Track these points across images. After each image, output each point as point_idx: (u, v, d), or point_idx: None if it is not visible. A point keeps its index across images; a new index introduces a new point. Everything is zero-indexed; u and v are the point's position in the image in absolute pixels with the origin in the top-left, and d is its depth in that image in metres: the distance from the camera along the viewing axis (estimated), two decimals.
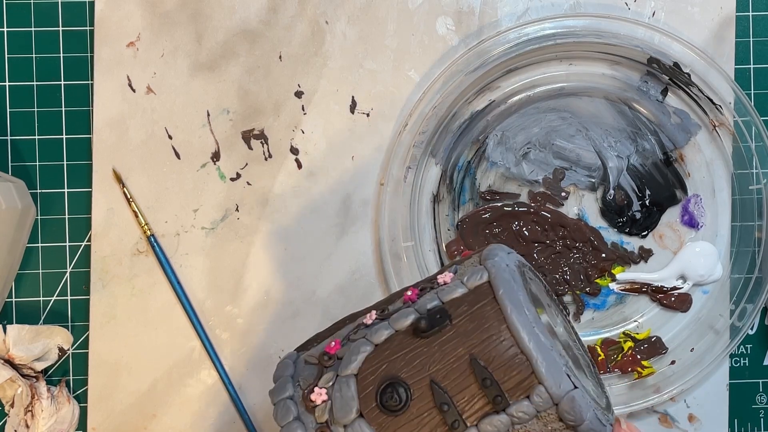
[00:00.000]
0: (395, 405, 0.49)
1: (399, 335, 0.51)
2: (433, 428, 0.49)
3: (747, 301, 0.69)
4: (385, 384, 0.50)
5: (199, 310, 0.69)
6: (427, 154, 0.69)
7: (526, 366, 0.48)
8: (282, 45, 0.70)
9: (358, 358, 0.51)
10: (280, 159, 0.70)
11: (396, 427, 0.49)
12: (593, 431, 0.49)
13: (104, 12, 0.69)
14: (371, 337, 0.51)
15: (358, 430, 0.49)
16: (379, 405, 0.49)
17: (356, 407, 0.50)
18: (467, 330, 0.50)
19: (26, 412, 0.67)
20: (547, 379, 0.48)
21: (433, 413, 0.49)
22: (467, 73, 0.68)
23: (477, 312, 0.50)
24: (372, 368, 0.50)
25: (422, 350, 0.50)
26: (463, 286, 0.51)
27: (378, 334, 0.51)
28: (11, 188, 0.66)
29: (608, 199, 0.71)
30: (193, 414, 0.70)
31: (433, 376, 0.49)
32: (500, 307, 0.49)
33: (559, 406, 0.48)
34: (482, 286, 0.51)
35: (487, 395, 0.49)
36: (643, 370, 0.70)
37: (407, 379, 0.50)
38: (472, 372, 0.49)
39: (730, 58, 0.70)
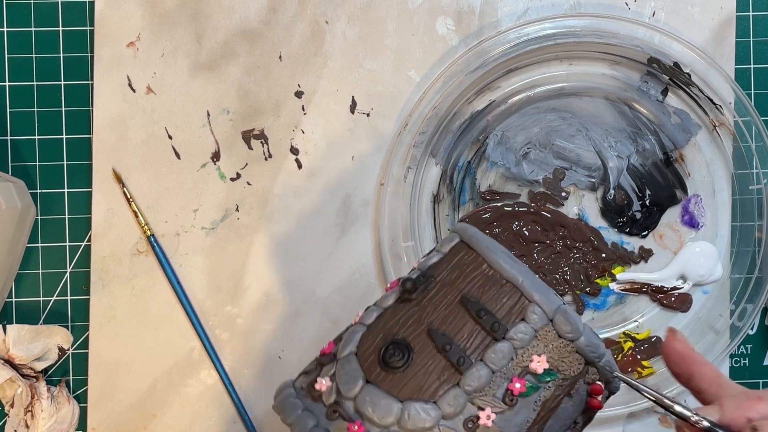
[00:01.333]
0: (398, 361, 0.50)
1: (389, 310, 0.53)
2: (441, 373, 0.49)
3: (747, 301, 0.69)
4: (384, 347, 0.50)
5: (199, 310, 0.69)
6: (427, 154, 0.69)
7: (514, 290, 0.50)
8: (282, 45, 0.70)
9: (354, 338, 0.52)
10: (280, 159, 0.70)
11: (404, 382, 0.49)
12: (593, 344, 0.50)
13: (104, 12, 0.69)
14: (363, 321, 0.53)
15: (368, 393, 0.49)
16: (383, 368, 0.50)
17: (361, 376, 0.50)
18: (452, 279, 0.52)
19: (26, 412, 0.67)
20: (536, 297, 0.50)
21: (437, 358, 0.50)
22: (467, 73, 0.68)
23: (456, 263, 0.52)
24: (369, 342, 0.51)
25: (414, 310, 0.51)
26: (439, 253, 0.54)
27: (368, 316, 0.53)
28: (11, 188, 0.66)
29: (608, 199, 0.70)
30: (193, 414, 0.70)
31: (430, 326, 0.50)
32: (476, 251, 0.52)
33: (554, 321, 0.50)
34: (456, 245, 0.53)
35: (485, 327, 0.50)
36: (644, 370, 0.70)
37: (406, 336, 0.51)
38: (465, 310, 0.50)
39: (731, 58, 0.70)
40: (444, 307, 0.51)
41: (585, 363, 0.51)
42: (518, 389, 0.49)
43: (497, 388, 0.49)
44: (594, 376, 0.51)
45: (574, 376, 0.50)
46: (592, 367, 0.51)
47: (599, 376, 0.52)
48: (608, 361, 0.51)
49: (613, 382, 0.52)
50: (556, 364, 0.50)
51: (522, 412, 0.49)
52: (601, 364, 0.51)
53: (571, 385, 0.50)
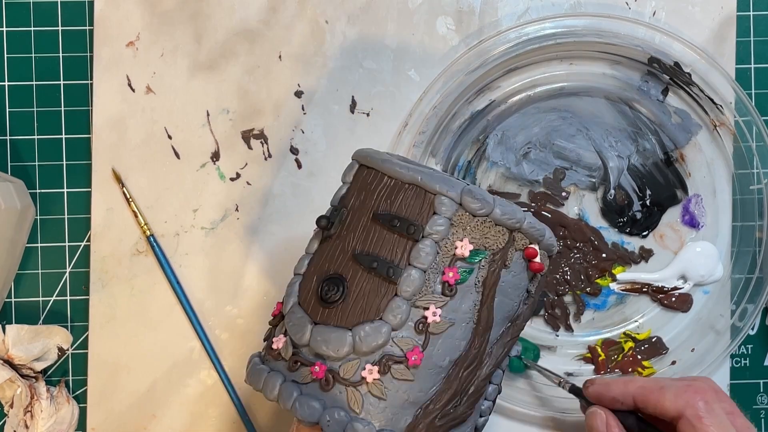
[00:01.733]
0: (335, 294, 0.51)
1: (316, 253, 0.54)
2: (377, 290, 0.51)
3: (748, 301, 0.69)
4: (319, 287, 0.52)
5: (198, 310, 0.69)
6: (427, 154, 0.69)
7: (418, 190, 0.51)
8: (282, 45, 0.70)
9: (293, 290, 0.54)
10: (280, 159, 0.70)
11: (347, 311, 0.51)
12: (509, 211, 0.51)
13: (104, 12, 0.69)
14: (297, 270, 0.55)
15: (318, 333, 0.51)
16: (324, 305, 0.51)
17: (308, 320, 0.52)
18: (361, 202, 0.53)
19: (26, 413, 0.67)
20: (438, 187, 0.51)
21: (369, 279, 0.51)
22: (467, 73, 0.68)
23: (361, 186, 0.54)
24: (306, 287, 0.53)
25: (336, 243, 0.53)
26: (346, 184, 0.55)
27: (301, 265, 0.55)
28: (11, 188, 0.66)
29: (609, 199, 0.70)
30: (193, 414, 0.69)
31: (354, 252, 0.52)
32: (374, 168, 0.53)
33: (463, 203, 0.51)
34: (357, 171, 0.55)
35: (402, 233, 0.51)
36: (644, 370, 0.69)
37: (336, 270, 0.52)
38: (380, 225, 0.52)
39: (731, 57, 0.70)
40: (361, 229, 0.52)
41: (509, 232, 0.52)
42: (453, 278, 0.50)
43: (433, 284, 0.50)
44: (523, 242, 0.52)
45: (503, 247, 0.51)
46: (518, 233, 0.52)
47: (528, 239, 0.53)
48: (530, 222, 0.52)
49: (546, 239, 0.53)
50: (480, 242, 0.51)
51: (466, 299, 0.51)
52: (525, 227, 0.52)
53: (503, 257, 0.52)
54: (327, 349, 0.50)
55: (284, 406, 0.51)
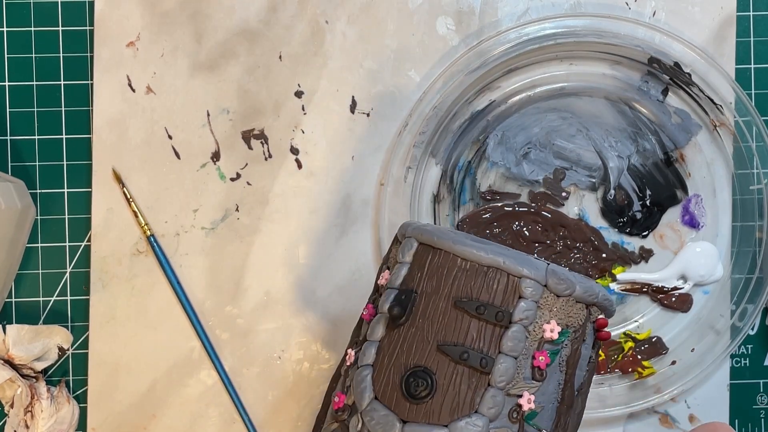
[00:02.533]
0: (424, 390, 0.49)
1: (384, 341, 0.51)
2: (468, 381, 0.49)
3: (748, 301, 0.69)
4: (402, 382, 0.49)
5: (199, 310, 0.69)
6: (427, 154, 0.69)
7: (500, 273, 0.50)
8: (282, 45, 0.70)
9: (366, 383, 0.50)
10: (280, 159, 0.70)
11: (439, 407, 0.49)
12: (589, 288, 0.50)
13: (104, 12, 0.69)
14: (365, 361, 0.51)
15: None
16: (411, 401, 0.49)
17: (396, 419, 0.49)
18: (434, 287, 0.50)
19: (26, 413, 0.67)
20: (524, 271, 0.49)
21: (459, 370, 0.49)
22: (467, 73, 0.68)
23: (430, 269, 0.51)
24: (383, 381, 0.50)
25: (411, 331, 0.50)
26: (404, 264, 0.52)
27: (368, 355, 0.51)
28: (11, 188, 0.66)
29: (609, 199, 0.70)
30: (193, 414, 0.69)
31: (438, 342, 0.49)
32: (444, 249, 0.51)
33: (548, 285, 0.50)
34: (417, 249, 0.52)
35: (489, 320, 0.49)
36: (644, 370, 0.69)
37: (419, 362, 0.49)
38: (463, 312, 0.49)
39: (731, 58, 0.70)
40: (441, 317, 0.50)
41: (586, 307, 0.51)
42: (543, 362, 0.49)
43: (524, 370, 0.49)
44: (597, 313, 0.52)
45: (582, 324, 0.51)
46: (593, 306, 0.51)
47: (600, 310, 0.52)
48: (603, 294, 0.51)
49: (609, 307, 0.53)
50: (565, 322, 0.50)
51: (552, 378, 0.50)
52: (600, 300, 0.51)
53: (583, 333, 0.51)
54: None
55: None
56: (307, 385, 0.70)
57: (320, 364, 0.70)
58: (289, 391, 0.70)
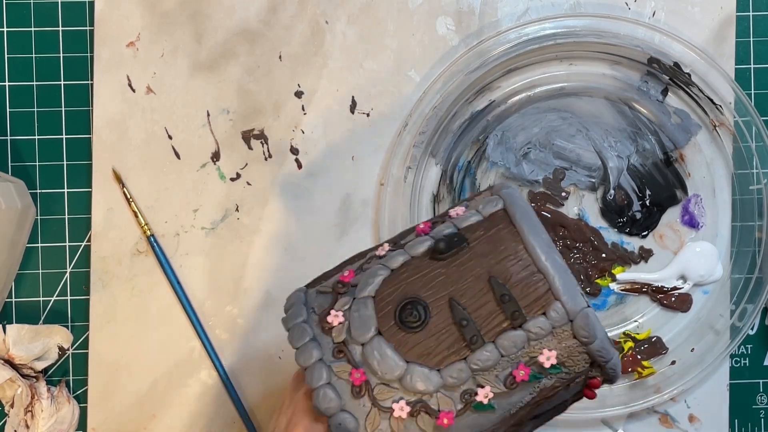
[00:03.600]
0: (414, 322, 0.50)
1: (415, 260, 0.52)
2: (451, 344, 0.50)
3: (747, 301, 0.69)
4: (403, 302, 0.50)
5: (199, 311, 0.69)
6: (427, 154, 0.69)
7: (543, 283, 0.50)
8: (282, 45, 0.70)
9: (375, 281, 0.51)
10: (280, 159, 0.70)
11: (414, 344, 0.50)
12: (604, 350, 0.50)
13: (104, 12, 0.69)
14: (388, 263, 0.52)
15: (377, 346, 0.50)
16: (397, 322, 0.50)
17: (374, 325, 0.50)
18: (484, 251, 0.51)
19: (26, 413, 0.67)
20: (563, 296, 0.49)
21: (451, 329, 0.50)
22: (467, 73, 0.68)
23: (493, 235, 0.51)
24: (389, 290, 0.51)
25: (440, 271, 0.51)
26: (478, 214, 0.52)
27: (394, 260, 0.52)
28: (11, 188, 0.66)
29: (608, 199, 0.70)
30: (193, 414, 0.70)
31: (452, 295, 0.50)
32: (516, 229, 0.51)
33: (574, 322, 0.49)
34: (497, 212, 0.52)
35: (505, 312, 0.50)
36: (644, 370, 0.70)
37: (426, 298, 0.50)
38: (490, 290, 0.50)
39: (731, 58, 0.70)
40: (471, 279, 0.50)
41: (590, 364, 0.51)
42: (521, 376, 0.49)
43: (501, 370, 0.50)
44: (596, 373, 0.52)
45: (578, 372, 0.51)
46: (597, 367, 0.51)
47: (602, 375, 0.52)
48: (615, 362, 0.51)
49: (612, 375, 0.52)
50: (563, 360, 0.50)
51: (518, 394, 0.50)
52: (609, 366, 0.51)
53: (572, 380, 0.51)
54: (377, 365, 0.49)
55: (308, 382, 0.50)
56: None
57: None
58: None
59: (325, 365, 0.50)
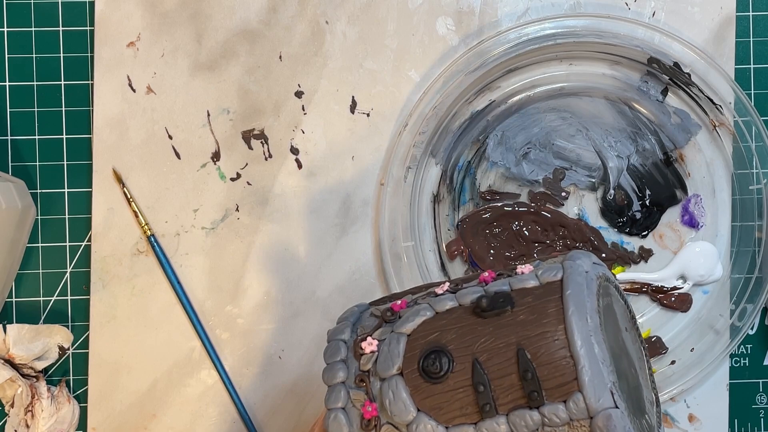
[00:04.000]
0: (435, 372, 0.49)
1: (460, 309, 0.50)
2: (464, 405, 0.48)
3: (747, 301, 0.69)
4: (430, 350, 0.49)
5: (199, 310, 0.69)
6: (427, 154, 0.69)
7: (571, 370, 0.47)
8: (282, 45, 0.70)
9: (415, 320, 0.50)
10: (280, 159, 0.70)
11: (429, 394, 0.49)
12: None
13: (104, 12, 0.69)
14: (435, 305, 0.51)
15: (394, 386, 0.49)
16: (419, 369, 0.49)
17: (399, 364, 0.49)
18: (525, 320, 0.49)
19: (26, 412, 0.67)
20: (588, 389, 0.46)
21: (467, 391, 0.48)
22: (467, 73, 0.68)
23: (540, 306, 0.49)
24: (424, 332, 0.50)
25: (476, 328, 0.49)
26: (536, 279, 0.50)
27: (441, 303, 0.51)
28: (11, 188, 0.66)
29: (608, 199, 0.70)
30: (193, 414, 0.70)
31: (478, 356, 0.49)
32: (563, 306, 0.48)
33: (594, 420, 0.47)
34: (554, 283, 0.50)
35: (525, 389, 0.47)
36: None
37: (453, 351, 0.49)
38: (516, 362, 0.48)
39: (731, 58, 0.70)
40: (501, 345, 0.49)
41: None
42: None
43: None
44: None
45: None
46: None
47: None
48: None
49: None
50: None
51: None
52: None
53: None
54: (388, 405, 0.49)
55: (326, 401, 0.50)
56: (307, 385, 0.70)
57: (320, 363, 0.70)
58: (289, 391, 0.70)
59: (345, 389, 0.50)
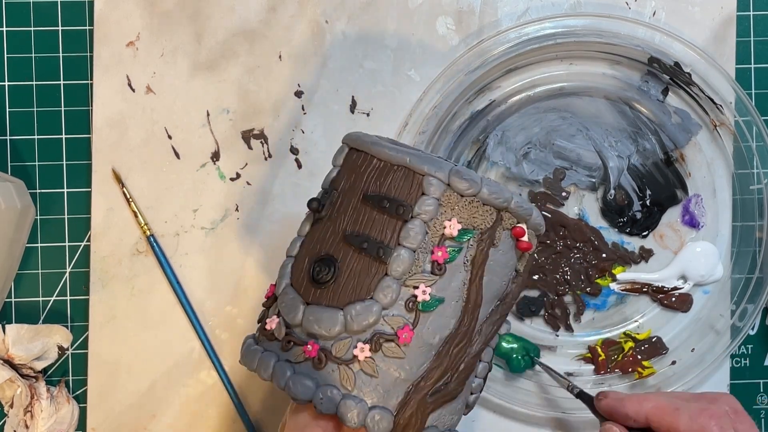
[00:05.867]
0: (327, 275, 0.52)
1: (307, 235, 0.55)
2: (367, 269, 0.51)
3: (748, 301, 0.69)
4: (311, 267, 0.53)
5: (198, 311, 0.69)
6: None
7: (407, 171, 0.52)
8: (282, 45, 0.70)
9: (285, 272, 0.55)
10: (280, 159, 0.70)
11: (339, 291, 0.52)
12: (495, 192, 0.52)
13: (103, 12, 0.69)
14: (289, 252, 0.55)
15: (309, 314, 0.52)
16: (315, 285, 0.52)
17: (300, 301, 0.52)
18: (351, 184, 0.53)
19: (26, 413, 0.67)
20: (426, 168, 0.51)
21: (360, 259, 0.52)
22: (467, 73, 0.68)
23: (350, 168, 0.54)
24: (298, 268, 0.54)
25: (327, 225, 0.54)
26: (336, 168, 0.55)
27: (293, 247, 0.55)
28: (11, 188, 0.66)
29: (609, 199, 0.70)
30: (193, 414, 0.69)
31: (345, 232, 0.52)
32: (364, 150, 0.54)
33: (451, 184, 0.51)
34: (347, 154, 0.55)
35: (391, 214, 0.52)
36: (644, 370, 0.69)
37: (327, 250, 0.53)
38: (370, 206, 0.52)
39: (731, 57, 0.70)
40: (351, 210, 0.53)
41: (497, 211, 0.52)
42: (442, 257, 0.51)
43: (423, 264, 0.51)
44: (511, 221, 0.53)
45: (490, 227, 0.52)
46: (506, 212, 0.53)
47: (516, 218, 0.53)
48: (517, 201, 0.53)
49: (534, 218, 0.54)
50: (468, 222, 0.52)
51: (455, 277, 0.52)
52: (512, 207, 0.53)
53: (491, 236, 0.52)
54: (319, 328, 0.51)
55: (278, 385, 0.51)
56: None
57: None
58: None
59: (282, 361, 0.52)
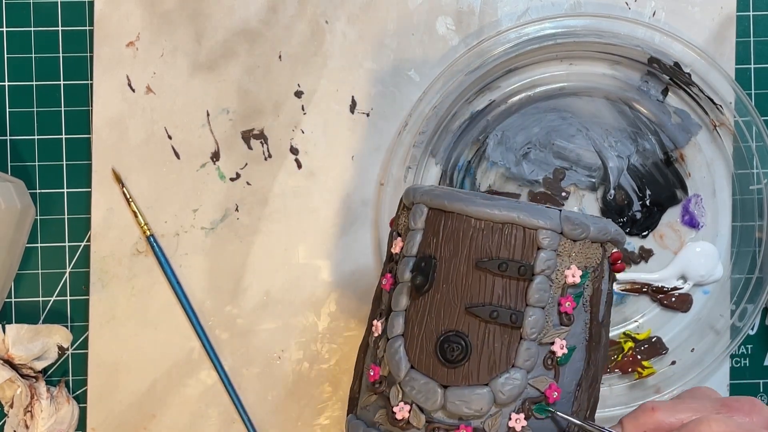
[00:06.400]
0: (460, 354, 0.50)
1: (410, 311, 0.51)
2: (502, 339, 0.50)
3: (748, 301, 0.69)
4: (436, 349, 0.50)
5: (198, 310, 0.69)
6: (427, 154, 0.69)
7: (515, 227, 0.50)
8: (282, 45, 0.70)
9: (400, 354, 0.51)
10: (280, 159, 0.70)
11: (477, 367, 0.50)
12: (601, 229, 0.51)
13: (104, 12, 0.69)
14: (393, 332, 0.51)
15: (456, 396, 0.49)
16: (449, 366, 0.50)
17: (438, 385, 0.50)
18: (452, 251, 0.51)
19: (25, 413, 0.67)
20: (539, 222, 0.50)
21: (490, 329, 0.50)
22: (467, 73, 0.68)
23: (445, 234, 0.51)
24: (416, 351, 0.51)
25: (436, 298, 0.51)
26: (418, 231, 0.52)
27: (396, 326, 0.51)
28: (11, 188, 0.66)
29: (608, 199, 0.70)
30: (193, 414, 0.69)
31: (466, 305, 0.50)
32: (455, 212, 0.51)
33: (564, 232, 0.50)
34: (429, 215, 0.52)
35: (512, 276, 0.50)
36: (644, 370, 0.69)
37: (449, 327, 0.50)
38: (486, 272, 0.50)
39: (731, 57, 0.70)
40: (464, 279, 0.50)
41: (601, 245, 0.52)
42: (569, 307, 0.50)
43: (552, 317, 0.50)
44: (611, 249, 0.53)
45: (600, 261, 0.52)
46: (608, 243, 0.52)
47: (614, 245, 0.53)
48: (616, 229, 0.52)
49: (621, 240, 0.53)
50: (584, 264, 0.51)
51: (579, 320, 0.51)
52: (614, 236, 0.52)
53: (601, 271, 0.52)
54: (468, 409, 0.49)
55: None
56: (307, 385, 0.70)
57: (320, 364, 0.70)
58: (289, 391, 0.70)
59: None
